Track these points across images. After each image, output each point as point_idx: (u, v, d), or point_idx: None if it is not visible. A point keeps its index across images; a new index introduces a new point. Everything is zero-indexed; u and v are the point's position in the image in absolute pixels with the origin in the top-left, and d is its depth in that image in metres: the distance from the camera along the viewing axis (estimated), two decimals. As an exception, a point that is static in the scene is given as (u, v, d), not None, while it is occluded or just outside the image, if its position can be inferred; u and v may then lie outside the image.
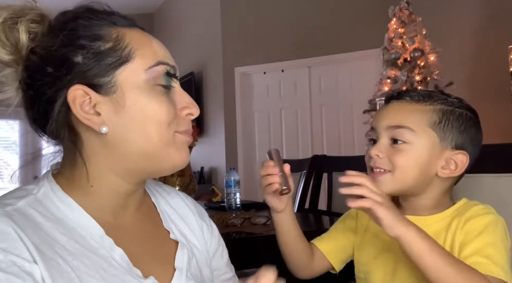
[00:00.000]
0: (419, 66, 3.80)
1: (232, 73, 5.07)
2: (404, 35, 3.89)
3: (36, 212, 0.62)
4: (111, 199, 0.69)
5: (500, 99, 3.71)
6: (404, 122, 0.87)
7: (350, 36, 4.59)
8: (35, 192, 0.65)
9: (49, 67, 0.64)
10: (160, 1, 6.49)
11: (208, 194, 4.11)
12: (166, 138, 0.67)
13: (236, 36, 5.01)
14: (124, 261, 0.65)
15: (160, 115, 0.66)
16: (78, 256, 0.61)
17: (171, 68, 0.69)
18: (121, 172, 0.67)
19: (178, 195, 0.85)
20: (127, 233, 0.70)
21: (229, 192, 2.10)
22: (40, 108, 0.66)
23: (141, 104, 0.65)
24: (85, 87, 0.64)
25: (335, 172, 2.46)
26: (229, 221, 1.65)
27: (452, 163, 0.87)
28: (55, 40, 0.64)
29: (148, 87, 0.66)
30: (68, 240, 0.62)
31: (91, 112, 0.64)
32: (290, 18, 4.86)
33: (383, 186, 0.87)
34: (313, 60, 4.83)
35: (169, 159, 0.68)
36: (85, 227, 0.65)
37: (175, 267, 0.72)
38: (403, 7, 3.92)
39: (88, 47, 0.64)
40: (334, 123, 4.80)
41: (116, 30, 0.67)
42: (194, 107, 0.71)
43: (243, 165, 5.02)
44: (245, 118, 5.12)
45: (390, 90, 3.80)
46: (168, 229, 0.76)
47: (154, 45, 0.69)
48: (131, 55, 0.65)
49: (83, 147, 0.67)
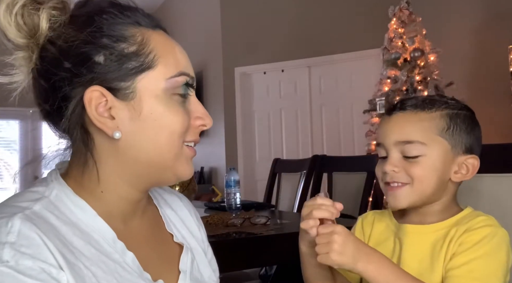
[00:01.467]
0: (419, 66, 3.80)
1: (232, 73, 5.07)
2: (404, 35, 3.89)
3: (52, 215, 0.61)
4: (120, 205, 0.68)
5: (500, 99, 3.71)
6: (413, 137, 0.86)
7: (350, 36, 4.59)
8: (47, 194, 0.63)
9: (67, 62, 0.61)
10: (160, 1, 6.49)
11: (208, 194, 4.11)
12: (175, 150, 0.66)
13: (236, 36, 5.01)
14: (136, 265, 0.65)
15: (175, 126, 0.65)
16: (96, 261, 0.60)
17: (190, 78, 0.68)
18: (129, 178, 0.66)
19: (177, 196, 0.85)
20: (135, 238, 0.69)
21: (229, 192, 2.10)
22: (54, 104, 0.63)
23: (157, 114, 0.63)
24: (103, 89, 0.62)
25: (335, 172, 2.46)
26: (229, 221, 1.64)
27: (463, 167, 0.87)
28: (78, 34, 0.61)
29: (166, 97, 0.64)
30: (85, 245, 0.61)
31: (105, 116, 0.62)
32: (290, 18, 4.86)
33: (403, 199, 0.87)
34: (313, 60, 4.83)
35: (174, 170, 0.68)
36: (99, 230, 0.64)
37: (180, 270, 0.72)
38: (403, 7, 3.92)
39: (112, 48, 0.62)
40: (334, 123, 4.80)
41: (141, 32, 0.64)
42: (208, 118, 0.70)
43: (243, 165, 5.02)
44: (245, 118, 5.12)
45: (390, 90, 3.80)
46: (171, 232, 0.76)
47: (177, 53, 0.67)
48: (154, 62, 0.64)
49: (95, 149, 0.65)
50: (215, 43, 5.17)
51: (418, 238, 0.87)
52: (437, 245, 0.85)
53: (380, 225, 0.97)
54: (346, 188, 2.36)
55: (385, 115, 0.92)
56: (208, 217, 1.65)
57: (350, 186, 2.32)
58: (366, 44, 4.44)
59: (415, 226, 0.88)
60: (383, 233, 0.95)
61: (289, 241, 1.03)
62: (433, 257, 0.84)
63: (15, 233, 0.55)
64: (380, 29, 4.07)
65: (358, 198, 2.21)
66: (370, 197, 2.24)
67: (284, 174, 2.83)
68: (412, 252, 0.87)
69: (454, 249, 0.81)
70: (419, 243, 0.87)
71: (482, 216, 0.85)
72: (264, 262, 1.74)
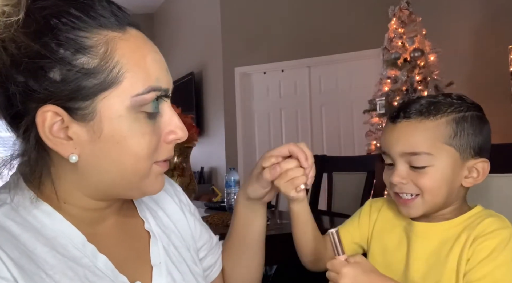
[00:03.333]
0: (419, 66, 3.80)
1: (232, 73, 5.07)
2: (404, 35, 3.89)
3: (13, 222, 0.57)
4: (87, 215, 0.63)
5: (500, 99, 3.71)
6: (419, 148, 0.83)
7: (350, 36, 4.59)
8: (8, 200, 0.59)
9: (20, 76, 0.53)
10: (160, 1, 6.49)
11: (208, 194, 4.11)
12: (142, 172, 0.60)
13: (236, 36, 5.01)
14: (109, 269, 0.61)
15: (140, 150, 0.58)
16: (61, 269, 0.56)
17: (162, 91, 0.59)
18: (92, 193, 0.62)
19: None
20: (108, 239, 0.65)
21: (229, 192, 2.10)
22: (9, 115, 0.57)
23: (119, 137, 0.56)
24: (58, 108, 0.54)
25: (335, 172, 2.46)
26: (229, 221, 1.64)
27: (474, 171, 0.86)
28: (31, 43, 0.53)
29: (131, 116, 0.57)
30: (49, 251, 0.57)
31: (61, 136, 0.56)
32: (290, 18, 4.86)
33: (415, 210, 0.86)
34: (313, 60, 4.83)
35: (142, 189, 0.63)
36: (66, 234, 0.59)
37: (152, 264, 0.68)
38: (403, 7, 3.92)
39: (69, 63, 0.53)
40: (334, 123, 4.80)
41: (105, 39, 0.55)
42: (181, 131, 0.62)
43: (243, 165, 5.02)
44: (245, 118, 5.12)
45: (390, 90, 3.80)
46: (143, 217, 0.72)
47: (148, 62, 0.58)
48: (118, 78, 0.55)
49: (53, 166, 0.59)
50: (215, 43, 5.17)
51: (426, 236, 0.87)
52: (446, 244, 0.84)
53: (389, 213, 0.96)
54: (346, 188, 2.36)
55: (389, 122, 0.89)
56: (208, 217, 1.65)
57: (350, 186, 2.32)
58: (366, 44, 4.44)
59: (424, 224, 0.88)
60: (391, 221, 0.95)
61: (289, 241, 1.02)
62: (441, 257, 0.83)
63: None
64: (380, 29, 4.07)
65: (358, 198, 2.21)
66: (370, 197, 2.24)
67: (284, 174, 2.83)
68: (420, 250, 0.86)
69: (469, 255, 0.80)
70: (428, 241, 0.86)
71: (493, 216, 0.83)
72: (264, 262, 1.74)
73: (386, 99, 3.77)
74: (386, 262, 0.92)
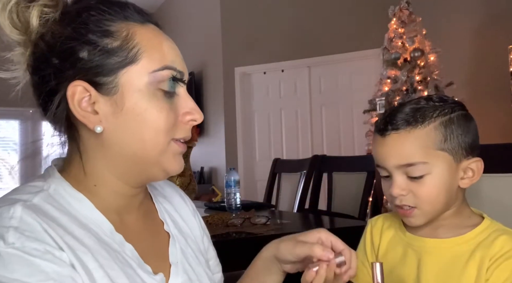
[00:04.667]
0: (419, 66, 3.80)
1: (232, 73, 5.07)
2: (404, 35, 3.90)
3: (52, 207, 0.62)
4: (115, 199, 0.68)
5: (500, 99, 3.71)
6: (414, 158, 0.83)
7: (350, 36, 4.59)
8: (46, 188, 0.64)
9: (54, 58, 0.63)
10: (160, 1, 6.49)
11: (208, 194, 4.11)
12: (160, 146, 0.65)
13: (236, 36, 5.01)
14: (135, 257, 0.66)
15: (158, 123, 0.64)
16: (96, 249, 0.61)
17: (177, 73, 0.67)
18: (118, 173, 0.67)
19: (170, 187, 0.86)
20: (132, 232, 0.70)
21: (229, 192, 2.10)
22: (42, 98, 0.65)
23: (139, 109, 0.63)
24: (86, 84, 0.62)
25: (335, 172, 2.46)
26: (229, 221, 1.65)
27: (469, 171, 0.86)
28: (64, 30, 0.63)
29: (150, 91, 0.64)
30: (85, 233, 0.62)
31: (88, 110, 0.63)
32: (290, 18, 4.86)
33: (418, 220, 0.86)
34: (313, 60, 4.83)
35: (161, 166, 0.67)
36: (96, 222, 0.65)
37: (170, 262, 0.71)
38: (403, 7, 3.93)
39: (96, 43, 0.62)
40: (334, 123, 4.80)
41: (127, 27, 0.65)
42: (197, 113, 0.68)
43: (243, 165, 5.02)
44: (245, 118, 5.12)
45: (390, 90, 3.80)
46: (163, 219, 0.76)
47: (165, 47, 0.67)
48: (138, 57, 0.64)
49: (82, 143, 0.66)
50: (215, 43, 5.17)
51: (437, 252, 0.86)
52: (458, 261, 0.83)
53: (389, 233, 0.96)
54: (346, 188, 2.37)
55: (377, 135, 0.88)
56: (208, 217, 1.65)
57: (350, 186, 2.33)
58: (366, 44, 4.44)
59: (434, 240, 0.87)
60: (391, 241, 0.94)
61: (289, 241, 1.02)
62: (453, 274, 0.83)
63: (17, 218, 0.57)
64: (380, 29, 4.07)
65: (358, 198, 2.21)
66: (370, 197, 2.24)
67: (284, 174, 2.83)
68: (430, 267, 0.86)
69: (487, 276, 0.79)
70: (438, 257, 0.86)
71: (505, 233, 0.83)
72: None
73: (386, 99, 3.78)
74: (396, 279, 0.91)
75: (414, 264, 0.88)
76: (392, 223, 0.96)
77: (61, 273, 0.55)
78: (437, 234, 0.88)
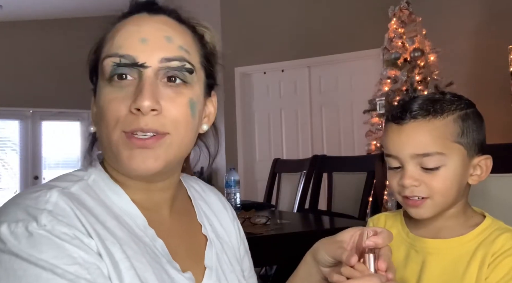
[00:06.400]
0: (419, 66, 3.80)
1: (232, 73, 5.07)
2: (404, 35, 3.90)
3: (88, 196, 0.64)
4: (139, 193, 0.69)
5: (500, 99, 3.71)
6: (432, 148, 0.82)
7: (350, 36, 4.59)
8: (86, 178, 0.67)
9: (94, 55, 0.70)
10: (160, 1, 6.50)
11: (208, 194, 4.10)
12: (113, 141, 0.62)
13: (236, 36, 5.01)
14: (165, 252, 0.66)
15: (107, 115, 0.62)
16: (127, 241, 0.62)
17: (120, 58, 0.62)
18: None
19: (213, 192, 0.87)
20: (165, 228, 0.70)
21: (229, 192, 2.10)
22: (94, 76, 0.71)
23: (100, 102, 0.64)
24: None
25: (335, 172, 2.46)
26: (229, 221, 1.64)
27: (478, 168, 0.86)
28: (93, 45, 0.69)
29: (105, 83, 0.64)
30: (117, 225, 0.63)
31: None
32: (290, 18, 4.86)
33: (426, 212, 0.85)
34: (313, 60, 4.83)
35: (121, 162, 0.62)
36: (131, 215, 0.66)
37: (205, 265, 0.72)
38: (403, 7, 3.93)
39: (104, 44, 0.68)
40: (334, 123, 4.80)
41: (119, 25, 0.67)
42: (140, 99, 0.60)
43: (243, 165, 5.02)
44: (245, 118, 5.12)
45: (390, 90, 3.81)
46: (201, 222, 0.77)
47: (117, 35, 0.64)
48: (100, 51, 0.67)
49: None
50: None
51: (439, 253, 0.86)
52: (460, 261, 0.83)
53: (392, 231, 0.95)
54: (346, 188, 2.37)
55: (392, 124, 0.87)
56: (208, 217, 1.65)
57: (350, 186, 2.33)
58: (366, 44, 4.44)
59: (436, 241, 0.87)
60: (394, 241, 0.93)
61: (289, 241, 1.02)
62: (457, 274, 0.83)
63: (52, 202, 0.59)
64: (380, 29, 4.07)
65: (358, 198, 2.21)
66: (370, 197, 2.24)
67: (284, 174, 2.83)
68: (432, 267, 0.86)
69: (487, 274, 0.79)
70: (440, 258, 0.85)
71: (507, 231, 0.83)
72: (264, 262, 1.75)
73: (386, 99, 3.78)
74: (398, 280, 0.90)
75: (418, 266, 0.88)
76: (394, 223, 0.95)
77: (87, 260, 0.56)
78: (439, 235, 0.88)
